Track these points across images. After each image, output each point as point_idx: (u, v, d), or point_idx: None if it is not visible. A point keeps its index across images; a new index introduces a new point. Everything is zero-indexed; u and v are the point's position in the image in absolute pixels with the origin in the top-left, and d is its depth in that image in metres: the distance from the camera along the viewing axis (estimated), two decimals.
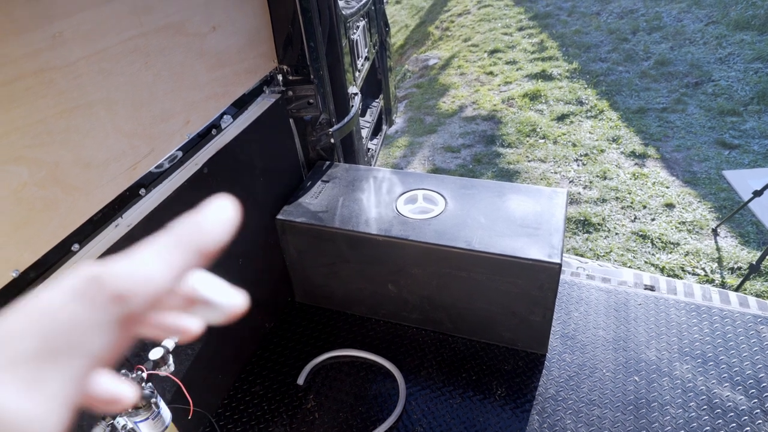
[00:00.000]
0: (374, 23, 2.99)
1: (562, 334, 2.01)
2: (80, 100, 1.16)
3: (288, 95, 2.03)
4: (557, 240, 1.72)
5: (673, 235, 3.34)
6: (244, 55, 1.78)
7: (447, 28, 7.38)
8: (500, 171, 4.26)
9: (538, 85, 5.33)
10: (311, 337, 2.11)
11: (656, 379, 1.81)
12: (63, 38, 1.09)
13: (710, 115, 4.48)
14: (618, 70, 5.42)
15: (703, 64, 5.19)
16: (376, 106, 3.24)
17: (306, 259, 2.08)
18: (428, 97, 5.77)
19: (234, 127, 1.77)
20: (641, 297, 2.13)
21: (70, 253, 1.21)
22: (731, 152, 4.02)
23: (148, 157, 1.40)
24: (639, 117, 4.62)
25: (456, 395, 1.84)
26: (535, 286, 1.74)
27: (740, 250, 3.16)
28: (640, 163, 4.08)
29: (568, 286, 2.22)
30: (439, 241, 1.77)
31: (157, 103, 1.40)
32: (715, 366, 1.84)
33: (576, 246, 3.39)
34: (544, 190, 1.98)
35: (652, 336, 1.96)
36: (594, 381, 1.83)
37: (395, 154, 4.85)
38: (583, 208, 3.67)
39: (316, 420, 1.80)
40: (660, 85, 5.06)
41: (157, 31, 1.36)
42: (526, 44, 6.31)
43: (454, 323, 2.02)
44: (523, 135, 4.65)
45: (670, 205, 3.59)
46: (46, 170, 1.10)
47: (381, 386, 1.90)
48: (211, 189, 1.64)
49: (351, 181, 2.13)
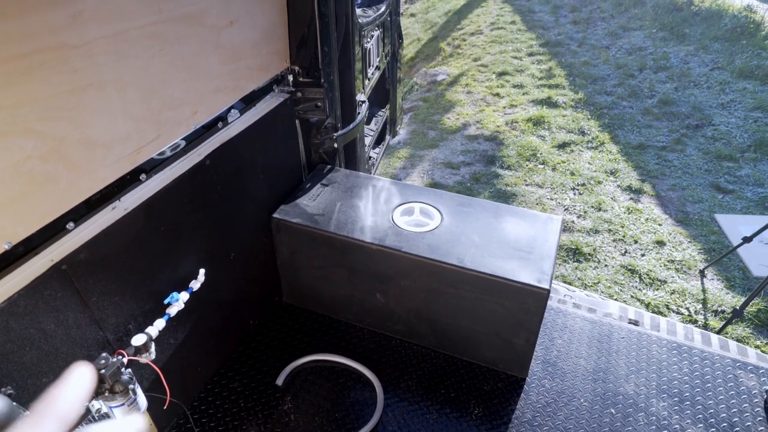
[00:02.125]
0: (388, 34, 3.02)
1: (543, 360, 2.02)
2: (92, 80, 1.16)
3: (297, 96, 2.05)
4: (548, 266, 1.74)
5: (661, 273, 3.38)
6: (258, 52, 1.80)
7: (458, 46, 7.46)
8: (497, 192, 4.29)
9: (542, 111, 5.39)
10: (294, 338, 2.10)
11: (632, 414, 1.82)
12: (82, 18, 1.10)
13: (708, 158, 4.55)
14: (622, 105, 5.50)
15: (705, 107, 5.28)
16: (381, 115, 3.26)
17: (298, 260, 2.08)
18: (433, 112, 5.81)
19: (240, 122, 1.78)
20: (625, 330, 2.15)
21: (64, 230, 1.20)
22: (725, 196, 4.08)
23: (153, 142, 1.40)
24: (638, 153, 4.68)
25: (433, 411, 1.84)
26: (522, 310, 1.75)
27: (725, 294, 3.20)
28: (636, 198, 4.13)
29: (554, 312, 2.24)
30: (431, 255, 1.78)
31: (167, 91, 1.41)
32: (691, 406, 1.85)
33: (565, 273, 3.41)
34: (539, 215, 1.99)
35: (632, 370, 1.98)
36: (571, 410, 1.84)
37: (395, 165, 4.87)
38: (575, 237, 3.70)
39: (291, 422, 1.79)
40: (662, 123, 5.13)
41: (175, 19, 1.37)
42: (534, 70, 6.38)
43: (438, 338, 2.02)
44: (524, 159, 4.69)
45: (661, 243, 3.63)
46: (50, 145, 1.10)
47: (359, 394, 1.90)
48: (211, 181, 1.64)
49: (350, 187, 2.14)
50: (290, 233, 1.99)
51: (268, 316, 2.19)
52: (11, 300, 1.06)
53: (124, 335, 1.39)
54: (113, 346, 1.35)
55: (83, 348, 1.27)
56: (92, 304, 1.27)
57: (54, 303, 1.16)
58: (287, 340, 2.09)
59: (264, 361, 2.00)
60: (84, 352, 1.27)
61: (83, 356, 1.27)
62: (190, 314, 1.57)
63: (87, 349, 1.28)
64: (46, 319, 1.15)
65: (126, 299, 1.38)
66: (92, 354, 1.28)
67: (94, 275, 1.26)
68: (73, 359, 1.24)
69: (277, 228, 2.00)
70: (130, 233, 1.36)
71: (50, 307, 1.16)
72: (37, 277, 1.12)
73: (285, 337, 2.11)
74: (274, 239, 2.04)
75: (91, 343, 1.29)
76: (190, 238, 1.60)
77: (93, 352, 1.29)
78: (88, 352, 1.28)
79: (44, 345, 1.16)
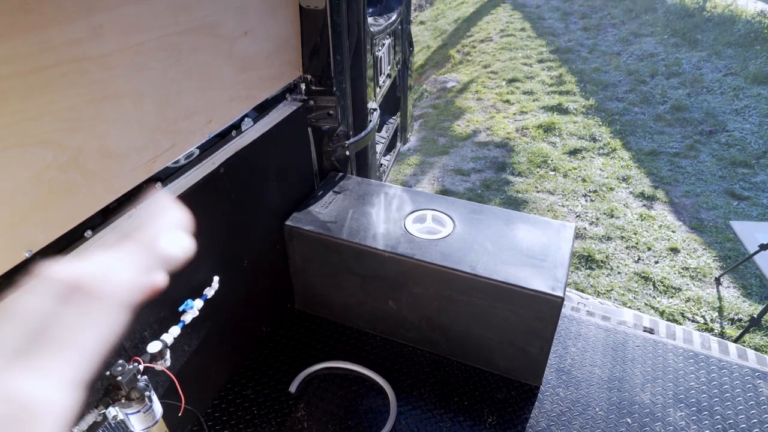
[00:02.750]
0: (399, 42, 3.04)
1: (557, 368, 2.00)
2: (110, 91, 1.18)
3: (309, 104, 2.07)
4: (562, 273, 1.73)
5: (675, 280, 3.34)
6: (271, 62, 1.82)
7: (468, 53, 7.48)
8: (508, 199, 4.27)
9: (553, 118, 5.37)
10: (307, 345, 2.10)
11: (649, 423, 1.79)
12: (102, 30, 1.12)
13: (722, 164, 4.50)
14: (634, 111, 5.46)
15: (718, 113, 5.22)
16: (392, 122, 3.27)
17: (310, 267, 2.09)
18: (443, 119, 5.82)
19: (254, 131, 1.80)
20: (640, 339, 2.12)
21: (82, 238, 1.22)
22: (740, 203, 4.03)
23: (168, 151, 1.42)
24: (651, 159, 4.64)
25: (446, 419, 1.83)
26: (536, 318, 1.74)
27: (742, 302, 3.15)
28: (648, 204, 4.09)
29: (567, 320, 2.22)
30: (444, 262, 1.78)
31: (182, 100, 1.43)
32: (709, 416, 1.82)
33: (577, 281, 3.38)
34: (552, 222, 1.98)
35: (648, 379, 1.95)
36: (586, 419, 1.82)
37: (406, 172, 4.88)
38: (587, 244, 3.67)
39: (304, 429, 1.79)
40: (674, 129, 5.09)
41: (191, 30, 1.39)
42: (544, 76, 6.37)
43: (451, 346, 2.01)
44: (534, 165, 4.67)
45: (675, 250, 3.59)
46: (69, 155, 1.12)
47: (372, 402, 1.89)
48: (225, 189, 1.66)
49: (362, 194, 2.15)
50: (303, 240, 2.00)
51: (280, 323, 2.19)
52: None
53: (139, 342, 1.40)
54: (129, 353, 1.37)
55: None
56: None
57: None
58: (300, 347, 2.10)
59: (277, 368, 2.00)
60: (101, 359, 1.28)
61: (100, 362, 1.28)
62: (204, 321, 1.58)
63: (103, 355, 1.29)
64: None
65: (141, 306, 1.39)
66: (109, 360, 1.30)
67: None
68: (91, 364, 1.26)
69: (290, 235, 2.01)
70: None
71: None
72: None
73: (297, 344, 2.11)
74: (286, 246, 2.06)
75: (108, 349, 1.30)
76: (204, 245, 1.61)
77: (109, 359, 1.30)
78: (105, 358, 1.29)
79: None
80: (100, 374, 1.29)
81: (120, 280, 0.29)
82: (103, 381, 1.28)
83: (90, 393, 1.26)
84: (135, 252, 0.30)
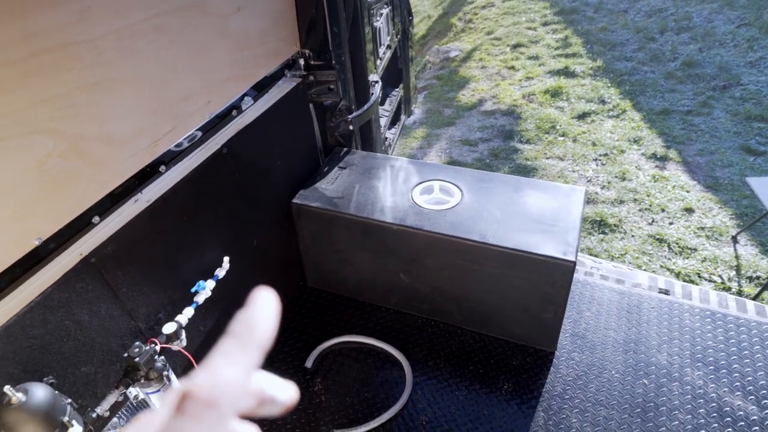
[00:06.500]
0: (398, 12, 2.97)
1: (572, 333, 2.00)
2: (104, 76, 1.17)
3: (309, 80, 2.03)
4: (573, 238, 1.70)
5: (690, 241, 3.29)
6: (267, 38, 1.78)
7: (470, 20, 7.30)
8: (517, 167, 4.22)
9: (560, 82, 5.25)
10: (321, 321, 2.12)
11: (666, 384, 1.79)
12: (90, 13, 1.10)
13: (737, 119, 4.38)
14: (643, 70, 5.31)
15: (732, 67, 5.06)
16: (395, 95, 3.22)
17: (319, 244, 2.09)
18: (448, 89, 5.72)
19: (254, 109, 1.78)
20: (655, 300, 2.11)
21: (90, 224, 1.23)
22: (756, 159, 3.93)
23: (169, 134, 1.41)
24: (662, 119, 4.53)
25: (462, 387, 1.84)
26: (548, 283, 1.72)
27: (760, 260, 3.10)
28: (661, 165, 4.01)
29: (581, 285, 2.20)
30: (454, 232, 1.77)
31: (179, 82, 1.41)
32: (727, 374, 1.81)
33: (591, 246, 3.35)
34: (561, 187, 1.95)
35: (664, 340, 1.94)
36: (602, 381, 1.82)
37: (412, 145, 4.83)
38: (599, 209, 3.62)
39: (322, 403, 1.82)
40: (686, 87, 4.95)
41: (180, 9, 1.36)
42: (549, 40, 6.21)
43: (464, 316, 2.01)
44: (543, 132, 4.59)
45: (690, 210, 3.53)
46: (69, 142, 1.11)
47: (388, 374, 1.91)
48: (229, 169, 1.65)
49: (368, 168, 2.13)
50: (310, 217, 2.00)
51: (293, 301, 2.21)
52: (45, 294, 1.09)
53: (155, 324, 1.42)
54: (145, 335, 1.39)
55: (117, 337, 1.30)
56: (122, 294, 1.30)
57: (86, 295, 1.19)
58: (314, 323, 2.12)
59: (292, 345, 2.03)
60: (118, 342, 1.30)
61: (118, 345, 1.30)
62: (217, 302, 1.59)
63: (121, 338, 1.31)
64: (80, 311, 1.18)
65: (155, 289, 1.41)
66: (126, 343, 1.32)
67: (122, 267, 1.29)
68: (109, 348, 1.28)
69: (298, 213, 2.00)
70: (154, 224, 1.38)
71: (83, 299, 1.19)
72: (68, 270, 1.15)
73: (311, 320, 2.13)
74: (295, 224, 2.05)
75: (125, 332, 1.32)
76: (212, 226, 1.62)
77: (127, 341, 1.32)
78: (122, 341, 1.31)
79: (80, 335, 1.19)
80: (119, 356, 1.31)
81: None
82: (121, 363, 1.30)
83: (110, 375, 1.29)
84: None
